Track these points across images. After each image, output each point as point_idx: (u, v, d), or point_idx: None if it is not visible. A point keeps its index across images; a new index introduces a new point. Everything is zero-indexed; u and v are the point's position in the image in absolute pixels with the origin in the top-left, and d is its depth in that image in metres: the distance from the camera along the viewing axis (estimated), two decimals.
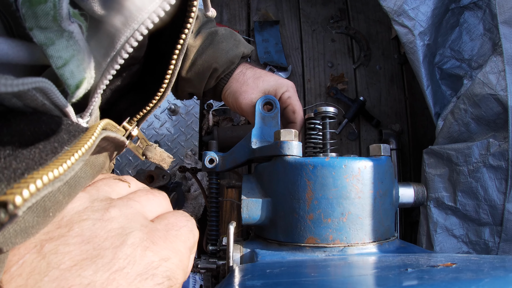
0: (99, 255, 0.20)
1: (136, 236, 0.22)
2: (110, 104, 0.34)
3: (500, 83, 0.76)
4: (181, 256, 0.25)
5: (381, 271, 0.33)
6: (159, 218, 0.26)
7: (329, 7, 1.32)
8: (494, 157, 0.78)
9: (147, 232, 0.23)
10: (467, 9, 0.93)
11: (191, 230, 0.27)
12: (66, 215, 0.22)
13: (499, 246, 0.79)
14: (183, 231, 0.26)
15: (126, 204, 0.24)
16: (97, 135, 0.23)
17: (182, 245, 0.25)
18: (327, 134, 0.53)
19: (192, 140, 1.14)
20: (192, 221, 0.28)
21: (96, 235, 0.21)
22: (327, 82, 1.24)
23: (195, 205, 1.01)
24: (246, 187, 0.50)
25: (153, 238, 0.23)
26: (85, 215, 0.22)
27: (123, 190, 0.27)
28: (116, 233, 0.22)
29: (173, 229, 0.25)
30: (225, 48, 0.59)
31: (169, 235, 0.25)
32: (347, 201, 0.44)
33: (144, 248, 0.22)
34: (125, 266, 0.21)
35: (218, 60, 0.58)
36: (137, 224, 0.23)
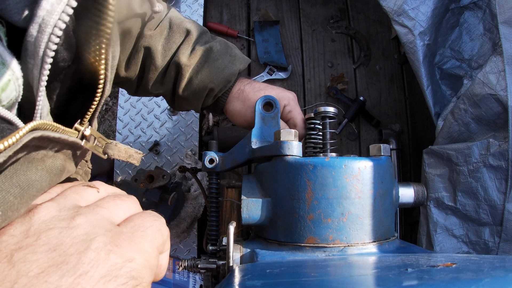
0: (65, 261, 0.21)
1: (100, 240, 0.23)
2: (62, 108, 0.35)
3: (500, 83, 0.76)
4: (147, 256, 0.25)
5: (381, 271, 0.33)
6: (126, 221, 0.27)
7: (329, 7, 1.32)
8: (494, 157, 0.78)
9: (111, 236, 0.24)
10: (467, 9, 0.93)
11: (159, 230, 0.28)
12: (34, 225, 0.23)
13: (499, 246, 0.79)
14: (150, 231, 0.27)
15: (92, 211, 0.26)
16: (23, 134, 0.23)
17: (148, 245, 0.26)
18: (327, 134, 0.53)
19: (192, 140, 1.14)
20: (160, 220, 0.29)
21: (62, 243, 0.22)
22: (327, 82, 1.24)
23: (195, 205, 1.01)
24: (246, 187, 0.50)
25: (118, 241, 0.24)
26: (52, 224, 0.23)
27: (91, 196, 0.28)
28: (81, 239, 0.23)
29: (139, 230, 0.26)
30: (220, 66, 0.58)
31: (134, 236, 0.25)
32: (347, 201, 0.44)
33: (108, 252, 0.23)
34: (89, 270, 0.22)
35: (214, 80, 0.58)
36: (101, 229, 0.24)
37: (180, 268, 0.55)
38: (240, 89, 0.61)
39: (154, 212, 0.30)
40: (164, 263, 0.31)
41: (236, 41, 1.29)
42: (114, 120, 1.87)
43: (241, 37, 1.29)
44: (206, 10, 1.31)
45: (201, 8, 1.25)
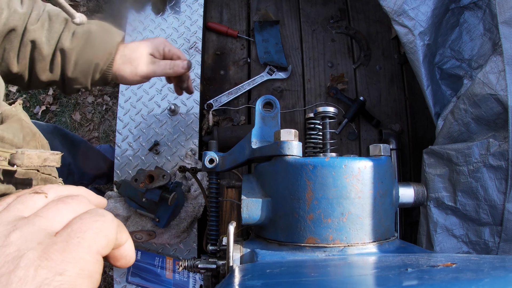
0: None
1: (29, 257, 0.23)
2: None
3: (500, 83, 0.76)
4: (83, 264, 0.24)
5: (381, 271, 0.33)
6: (65, 228, 0.26)
7: (329, 7, 1.32)
8: (494, 157, 0.78)
9: (42, 250, 0.23)
10: (467, 9, 0.93)
11: (100, 231, 0.26)
12: None
13: (499, 246, 0.79)
14: (87, 235, 0.25)
15: (30, 223, 0.25)
16: None
17: (84, 251, 0.25)
18: (327, 134, 0.53)
19: (192, 140, 1.14)
20: (103, 219, 0.27)
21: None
22: (327, 82, 1.24)
23: (195, 205, 1.01)
24: (246, 187, 0.50)
25: (49, 253, 0.23)
26: None
27: (38, 203, 0.27)
28: (12, 257, 0.22)
29: (75, 236, 0.25)
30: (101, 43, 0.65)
31: (68, 245, 0.24)
32: (347, 201, 0.44)
33: (36, 268, 0.22)
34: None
35: (98, 55, 0.65)
36: (33, 243, 0.24)
37: (180, 268, 0.55)
38: (122, 55, 0.68)
39: (99, 210, 0.28)
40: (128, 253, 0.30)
41: (236, 41, 1.29)
42: (114, 120, 1.87)
43: (241, 37, 1.29)
44: (206, 10, 1.31)
45: (201, 8, 1.25)
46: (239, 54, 1.28)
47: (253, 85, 1.23)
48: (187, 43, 1.21)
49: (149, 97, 1.18)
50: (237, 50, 1.29)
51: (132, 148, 1.14)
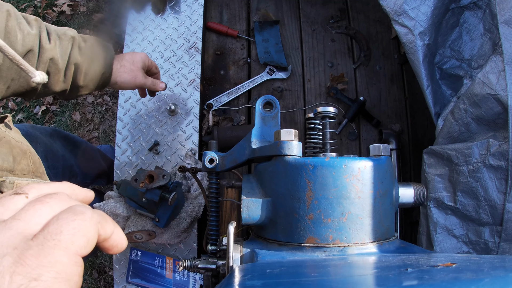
0: None
1: (5, 263, 0.22)
2: None
3: (500, 83, 0.76)
4: (60, 267, 0.24)
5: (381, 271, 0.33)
6: (42, 229, 0.25)
7: (329, 7, 1.32)
8: (494, 157, 0.78)
9: (17, 255, 0.23)
10: (467, 9, 0.93)
11: (78, 231, 0.25)
12: None
13: (499, 246, 0.79)
14: (64, 237, 0.25)
15: (7, 227, 0.24)
16: None
17: (61, 253, 0.24)
18: (327, 134, 0.53)
19: (192, 140, 1.14)
20: (81, 217, 0.26)
21: None
22: (327, 82, 1.24)
23: (195, 205, 1.01)
24: (246, 187, 0.50)
25: (24, 258, 0.23)
26: None
27: (17, 205, 0.27)
28: None
29: (51, 238, 0.24)
30: (103, 55, 0.80)
31: (44, 248, 0.24)
32: (347, 201, 0.44)
33: (11, 274, 0.22)
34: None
35: (103, 66, 0.80)
36: (9, 248, 0.23)
37: (180, 268, 0.55)
38: (122, 65, 0.85)
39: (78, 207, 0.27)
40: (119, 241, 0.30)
41: (236, 41, 1.29)
42: (114, 120, 1.87)
43: (241, 37, 1.29)
44: (206, 10, 1.31)
45: (201, 8, 1.25)
46: (239, 54, 1.28)
47: (253, 85, 1.23)
48: (187, 43, 1.21)
49: (149, 97, 1.18)
50: (237, 50, 1.29)
51: (132, 148, 1.14)
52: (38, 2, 2.09)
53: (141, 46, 1.21)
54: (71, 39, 0.75)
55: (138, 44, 1.22)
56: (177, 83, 1.18)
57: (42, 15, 2.06)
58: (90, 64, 0.77)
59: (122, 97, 1.18)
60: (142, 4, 1.25)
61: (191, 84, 1.18)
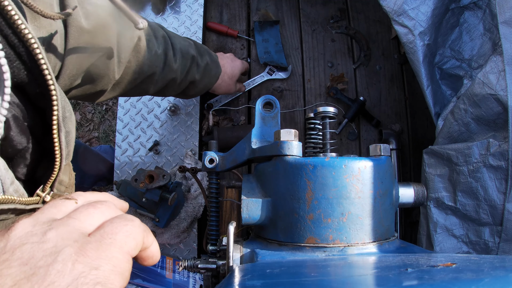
0: (34, 273, 0.23)
1: (67, 252, 0.25)
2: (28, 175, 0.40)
3: (500, 83, 0.76)
4: (115, 262, 0.27)
5: (381, 271, 0.33)
6: (97, 229, 0.29)
7: (329, 7, 1.32)
8: (494, 157, 0.78)
9: (78, 247, 0.26)
10: (467, 9, 0.93)
11: (129, 234, 0.29)
12: (10, 241, 0.25)
13: (499, 246, 0.79)
14: (118, 237, 0.28)
15: (64, 224, 0.27)
16: None
17: (116, 251, 0.27)
18: (327, 134, 0.53)
19: (192, 140, 1.14)
20: (132, 223, 0.30)
21: (33, 256, 0.24)
22: (327, 82, 1.24)
23: (195, 205, 1.01)
24: (246, 187, 0.50)
25: (84, 250, 0.26)
26: (26, 239, 0.25)
27: (69, 208, 0.30)
28: (49, 252, 0.25)
29: (107, 237, 0.28)
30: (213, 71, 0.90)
31: (102, 244, 0.27)
32: (347, 201, 0.44)
33: (74, 262, 0.25)
34: (55, 280, 0.23)
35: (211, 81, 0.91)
36: (69, 241, 0.26)
37: (180, 268, 0.55)
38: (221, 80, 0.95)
39: (128, 215, 0.31)
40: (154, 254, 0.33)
41: (236, 41, 1.29)
42: (114, 120, 1.87)
43: (241, 37, 1.29)
44: (206, 10, 1.31)
45: (201, 8, 1.25)
46: (239, 54, 1.28)
47: (253, 85, 1.23)
48: None
49: (149, 97, 1.18)
50: (237, 50, 1.29)
51: (132, 148, 1.14)
52: None
53: None
54: (192, 59, 0.81)
55: None
56: None
57: None
58: (201, 80, 0.86)
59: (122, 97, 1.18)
60: (142, 4, 1.25)
61: None
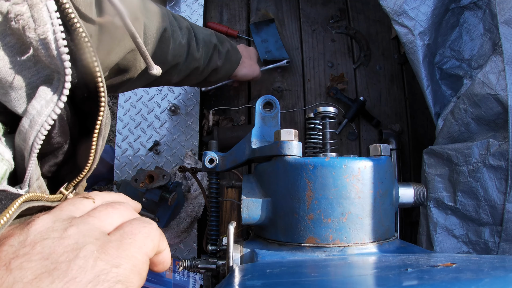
0: (56, 268, 0.23)
1: (88, 249, 0.25)
2: (54, 172, 0.40)
3: (500, 83, 0.76)
4: (135, 261, 0.27)
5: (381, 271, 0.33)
6: (116, 229, 0.29)
7: (329, 7, 1.32)
8: (494, 157, 0.78)
9: (99, 245, 0.26)
10: (467, 9, 0.93)
11: (148, 236, 0.29)
12: (30, 235, 0.25)
13: (499, 246, 0.79)
14: (138, 238, 0.29)
15: (84, 221, 0.28)
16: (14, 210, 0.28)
17: (136, 251, 0.28)
18: (327, 134, 0.53)
19: (192, 140, 1.14)
20: (150, 226, 0.30)
21: (54, 251, 0.24)
22: (327, 82, 1.24)
23: (195, 205, 1.01)
24: (246, 187, 0.50)
25: (105, 248, 0.26)
26: (46, 235, 0.25)
27: (87, 206, 0.31)
28: (71, 248, 0.25)
29: (127, 237, 0.28)
30: (233, 59, 0.90)
31: (122, 244, 0.27)
32: (347, 201, 0.44)
33: (95, 259, 0.25)
34: (77, 275, 0.23)
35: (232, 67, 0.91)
36: (90, 238, 0.26)
37: (180, 268, 0.55)
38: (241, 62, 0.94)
39: (145, 218, 0.31)
40: (166, 259, 0.33)
41: (236, 41, 1.29)
42: (114, 120, 1.87)
43: (241, 37, 1.29)
44: (206, 10, 1.31)
45: (201, 8, 1.25)
46: None
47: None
48: None
49: (149, 97, 1.18)
50: None
51: (132, 148, 1.14)
52: None
53: None
54: (214, 47, 0.81)
55: None
56: None
57: None
58: (223, 66, 0.86)
59: (122, 97, 1.18)
60: None
61: None
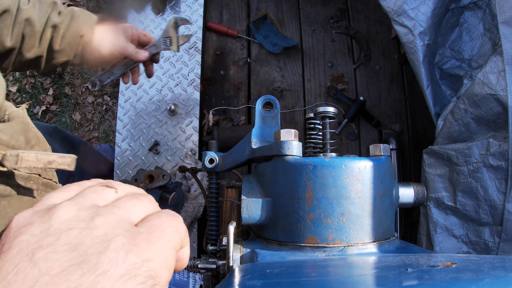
0: (85, 261, 0.22)
1: (119, 241, 0.24)
2: None
3: (500, 83, 0.76)
4: (165, 256, 0.26)
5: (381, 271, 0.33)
6: (143, 221, 0.28)
7: (329, 7, 1.32)
8: (494, 157, 0.78)
9: (129, 237, 0.25)
10: (467, 9, 0.93)
11: (176, 230, 0.28)
12: (54, 224, 0.24)
13: (499, 246, 0.79)
14: (167, 231, 0.27)
15: (111, 212, 0.26)
16: None
17: (165, 245, 0.26)
18: (327, 134, 0.53)
19: (192, 140, 1.14)
20: (178, 219, 0.29)
21: (82, 243, 0.23)
22: (327, 82, 1.24)
23: (195, 205, 1.01)
24: (246, 187, 0.50)
25: (136, 241, 0.25)
26: (72, 224, 0.24)
27: (110, 196, 0.29)
28: (100, 240, 0.23)
29: (157, 230, 0.27)
30: (83, 19, 0.76)
31: (152, 237, 0.26)
32: (347, 201, 0.44)
33: (126, 252, 0.24)
34: (108, 269, 0.22)
35: (82, 28, 0.75)
36: (120, 230, 0.25)
37: None
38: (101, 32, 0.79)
39: (171, 211, 0.30)
40: (186, 256, 0.31)
41: (236, 41, 1.29)
42: (114, 120, 1.87)
43: (241, 37, 1.29)
44: (206, 10, 1.31)
45: (201, 8, 1.25)
46: (239, 54, 1.28)
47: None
48: (187, 43, 1.21)
49: (149, 97, 1.18)
50: (237, 50, 1.29)
51: (132, 148, 1.14)
52: None
53: None
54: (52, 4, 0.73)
55: None
56: (177, 83, 1.18)
57: None
58: (69, 26, 0.74)
59: (122, 97, 1.18)
60: (142, 4, 1.25)
61: (191, 84, 1.18)
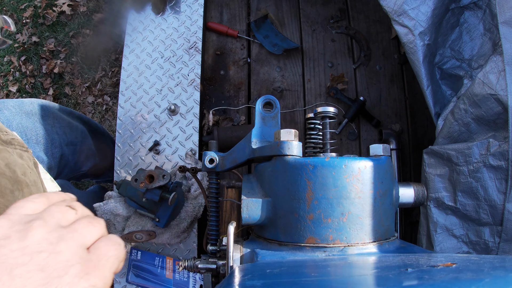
0: (49, 283, 0.28)
1: (76, 268, 0.30)
2: None
3: (500, 83, 0.76)
4: (106, 280, 0.32)
5: (381, 271, 0.33)
6: (94, 247, 0.33)
7: (329, 7, 1.32)
8: (494, 157, 0.78)
9: (83, 264, 0.31)
10: (467, 9, 0.93)
11: (117, 257, 0.34)
12: (29, 244, 0.29)
13: (499, 246, 0.79)
14: (111, 260, 0.33)
15: (72, 238, 0.32)
16: None
17: (108, 271, 0.32)
18: (327, 134, 0.53)
19: (192, 140, 1.14)
20: (120, 247, 0.35)
21: (49, 265, 0.29)
22: (327, 82, 1.24)
23: (195, 205, 1.01)
24: (246, 187, 0.50)
25: (88, 268, 0.31)
26: (42, 247, 0.29)
27: (71, 217, 0.35)
28: (62, 265, 0.29)
29: (103, 259, 0.33)
30: None
31: (99, 264, 0.32)
32: (347, 201, 0.44)
33: (80, 278, 0.30)
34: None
35: None
36: (77, 257, 0.31)
37: (180, 268, 0.55)
38: None
39: (116, 237, 0.36)
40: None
41: (236, 41, 1.29)
42: (114, 120, 1.87)
43: (241, 37, 1.29)
44: (206, 10, 1.31)
45: (201, 8, 1.25)
46: (239, 54, 1.28)
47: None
48: (187, 43, 1.21)
49: (149, 97, 1.18)
50: (237, 50, 1.29)
51: (132, 148, 1.14)
52: (38, 2, 2.09)
53: (141, 46, 1.21)
54: None
55: (138, 44, 1.22)
56: (177, 83, 1.18)
57: (42, 15, 2.06)
58: None
59: (122, 97, 1.18)
60: (142, 4, 1.25)
61: (191, 84, 1.17)
